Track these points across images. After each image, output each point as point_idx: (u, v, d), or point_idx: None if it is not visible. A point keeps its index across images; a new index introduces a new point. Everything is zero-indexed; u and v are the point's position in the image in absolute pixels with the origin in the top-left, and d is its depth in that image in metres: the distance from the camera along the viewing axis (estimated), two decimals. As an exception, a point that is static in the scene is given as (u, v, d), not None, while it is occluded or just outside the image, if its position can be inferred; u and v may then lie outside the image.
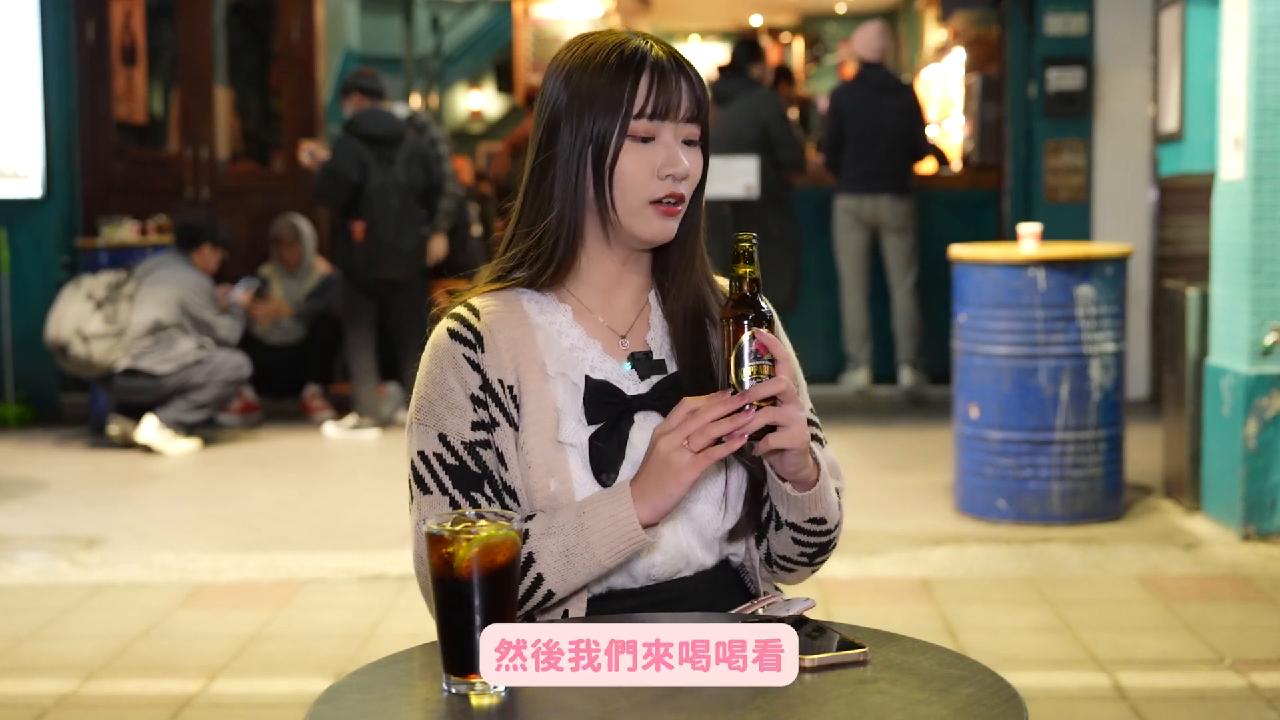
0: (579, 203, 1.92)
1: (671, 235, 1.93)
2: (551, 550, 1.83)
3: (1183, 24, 7.28)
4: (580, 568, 1.84)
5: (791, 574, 2.02)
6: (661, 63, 1.90)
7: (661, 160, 1.89)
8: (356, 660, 4.20)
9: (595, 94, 1.89)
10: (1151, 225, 8.35)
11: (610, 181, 1.90)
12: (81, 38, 8.78)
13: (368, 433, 7.65)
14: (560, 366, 1.92)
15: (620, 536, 1.82)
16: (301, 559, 5.30)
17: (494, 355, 1.91)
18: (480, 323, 1.92)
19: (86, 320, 7.28)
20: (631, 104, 1.88)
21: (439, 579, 1.61)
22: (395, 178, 7.52)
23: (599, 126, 1.89)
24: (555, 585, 1.85)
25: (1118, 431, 5.63)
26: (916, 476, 6.47)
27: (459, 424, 1.89)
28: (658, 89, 1.88)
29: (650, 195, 1.90)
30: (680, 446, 1.76)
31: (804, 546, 1.95)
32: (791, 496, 1.87)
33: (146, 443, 7.26)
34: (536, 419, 1.90)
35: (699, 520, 1.93)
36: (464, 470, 1.89)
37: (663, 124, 1.89)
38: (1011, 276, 5.51)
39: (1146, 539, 5.39)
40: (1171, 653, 4.22)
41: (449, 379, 1.90)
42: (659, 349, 1.98)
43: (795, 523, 1.91)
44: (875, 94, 8.29)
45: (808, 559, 1.98)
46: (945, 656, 1.71)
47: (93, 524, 5.85)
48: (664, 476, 1.78)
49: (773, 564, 2.00)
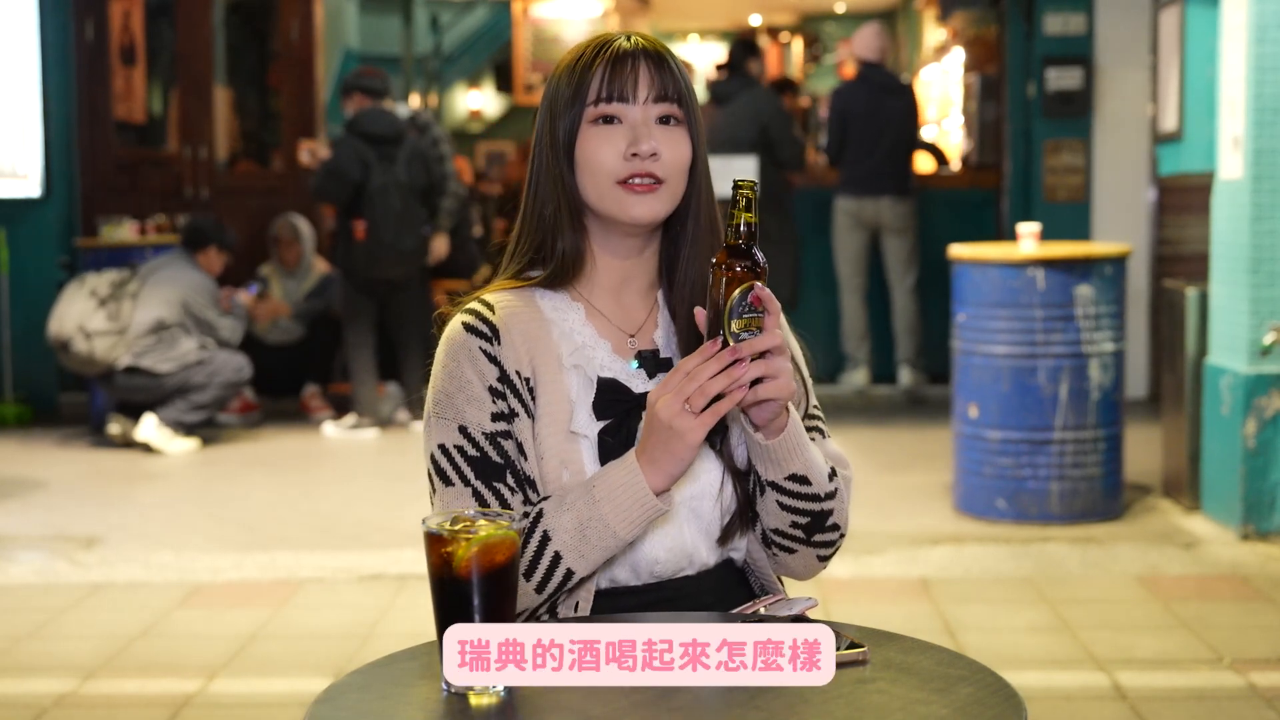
0: (572, 205, 1.95)
1: (655, 216, 1.93)
2: (566, 526, 1.83)
3: (1182, 23, 7.28)
4: (596, 541, 1.83)
5: (792, 555, 1.97)
6: (622, 49, 1.93)
7: (626, 141, 1.91)
8: (355, 660, 4.20)
9: (560, 95, 1.94)
10: (1151, 225, 8.35)
11: (573, 168, 1.93)
12: (80, 37, 8.78)
13: (367, 432, 7.65)
14: (575, 359, 1.94)
15: (633, 504, 1.81)
16: (300, 558, 5.30)
17: (510, 348, 1.92)
18: (495, 316, 1.93)
19: (89, 317, 7.28)
20: (587, 90, 1.92)
21: (438, 578, 1.61)
22: (396, 177, 7.52)
23: (564, 125, 1.93)
24: (573, 563, 1.84)
25: (1117, 431, 5.63)
26: (916, 476, 6.47)
27: (479, 415, 1.90)
28: (612, 72, 1.92)
29: (617, 175, 1.91)
30: (681, 410, 1.76)
31: (792, 514, 1.91)
32: (764, 446, 1.85)
33: (146, 442, 7.26)
34: (550, 410, 1.91)
35: (704, 518, 1.94)
36: (486, 461, 1.89)
37: (624, 105, 1.92)
38: (1010, 276, 5.51)
39: (1145, 539, 5.39)
40: (1170, 652, 4.22)
41: (466, 372, 1.91)
42: (665, 347, 1.99)
43: (775, 481, 1.88)
44: (877, 95, 8.28)
45: (802, 532, 1.93)
46: (944, 656, 1.71)
47: (91, 523, 5.85)
48: (671, 442, 1.78)
49: (770, 543, 1.97)
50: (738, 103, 8.07)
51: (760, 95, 8.17)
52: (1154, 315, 8.06)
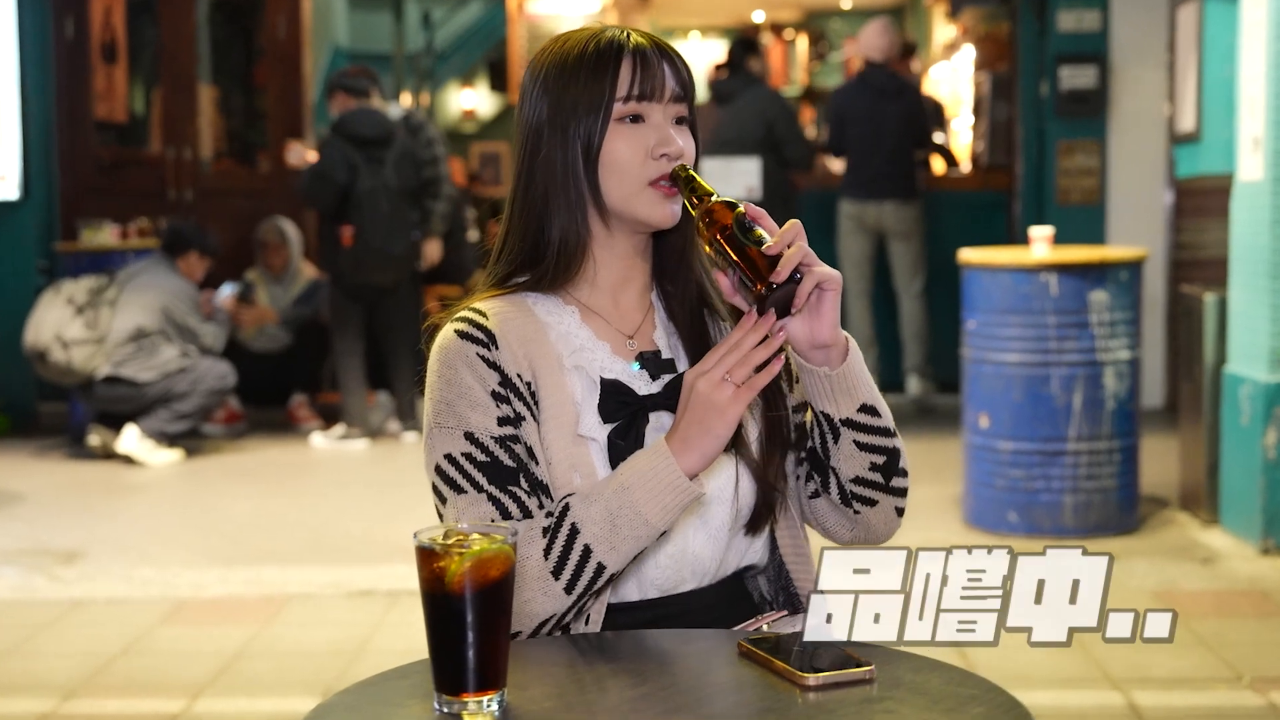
0: (579, 205, 1.95)
1: (676, 218, 1.95)
2: (595, 518, 1.82)
3: (1200, 20, 7.29)
4: (628, 532, 1.82)
5: (874, 509, 1.99)
6: (642, 47, 1.94)
7: (654, 140, 1.93)
8: (344, 678, 4.20)
9: (576, 92, 1.93)
10: (1167, 228, 8.36)
11: (598, 170, 1.93)
12: (60, 34, 8.78)
13: (356, 443, 7.65)
14: (576, 360, 1.94)
15: (665, 489, 1.81)
16: (287, 573, 5.30)
17: (508, 352, 1.92)
18: (489, 322, 1.94)
19: (66, 326, 7.28)
20: (614, 89, 1.92)
21: (430, 594, 1.61)
22: (385, 180, 7.50)
23: (585, 124, 1.93)
24: (605, 556, 1.82)
25: (1132, 442, 5.63)
26: (924, 488, 6.47)
27: (484, 420, 1.89)
28: (641, 71, 1.93)
29: (647, 176, 1.93)
30: (721, 381, 1.78)
31: (870, 454, 1.94)
32: (832, 376, 1.88)
33: (127, 453, 7.26)
34: (555, 413, 1.91)
35: (712, 523, 1.95)
36: (497, 466, 1.88)
37: (650, 104, 1.94)
38: (1022, 281, 5.52)
39: (1162, 553, 5.39)
40: (1187, 671, 4.22)
41: (466, 378, 1.90)
42: (666, 348, 2.01)
43: (849, 417, 1.91)
44: (876, 97, 8.25)
45: (881, 475, 1.96)
46: (954, 674, 1.71)
47: (71, 537, 5.85)
48: (707, 417, 1.79)
49: (851, 500, 1.98)
50: (741, 102, 8.08)
51: (765, 94, 8.17)
52: (1171, 322, 8.06)
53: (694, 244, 2.01)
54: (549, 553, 1.82)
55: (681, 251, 2.01)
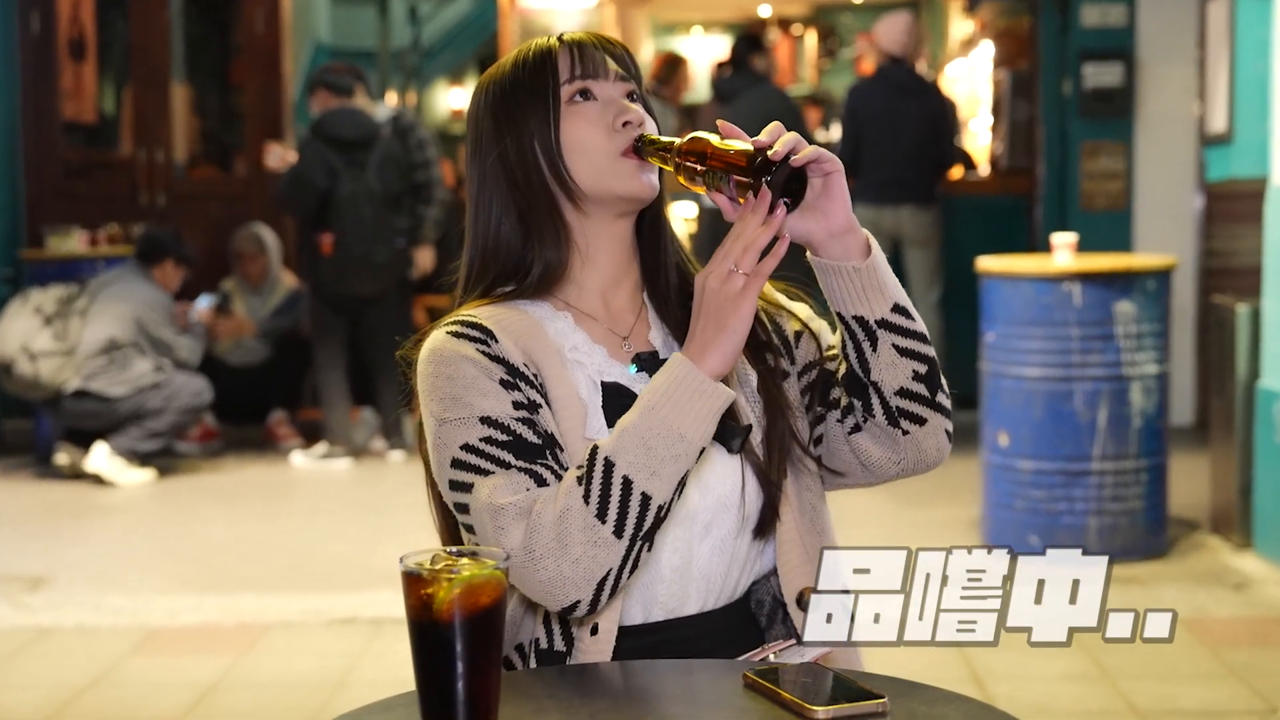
0: (551, 199, 2.00)
1: (655, 188, 2.00)
2: (627, 447, 1.81)
3: (1231, 14, 7.30)
4: (664, 451, 1.81)
5: (923, 428, 1.99)
6: (576, 38, 2.03)
7: (612, 113, 1.99)
8: (327, 711, 4.20)
9: (521, 95, 2.01)
10: (1197, 235, 8.37)
11: (563, 158, 1.98)
12: (25, 30, 8.80)
13: (339, 462, 7.65)
14: (576, 355, 1.98)
15: (693, 396, 1.82)
16: (266, 601, 5.30)
17: (508, 344, 1.94)
18: (483, 320, 1.96)
19: (34, 337, 7.29)
20: (557, 75, 1.99)
21: (416, 622, 1.61)
22: (367, 185, 7.48)
23: (538, 117, 1.99)
24: (647, 485, 1.80)
25: (1160, 461, 5.64)
26: (941, 510, 6.47)
27: (498, 404, 1.88)
28: (579, 54, 2.00)
29: (616, 148, 1.98)
30: (730, 273, 1.81)
31: (912, 360, 1.95)
32: (860, 270, 1.91)
33: (97, 473, 7.27)
34: (564, 408, 1.94)
35: (717, 532, 1.96)
36: (522, 442, 1.87)
37: (596, 81, 2.00)
38: (1044, 291, 5.52)
39: (1191, 578, 5.39)
40: (1218, 702, 4.22)
41: (468, 371, 1.90)
42: (662, 347, 2.04)
43: (884, 318, 1.93)
44: (895, 95, 8.24)
45: (925, 387, 1.97)
46: (971, 707, 1.71)
47: (37, 562, 5.85)
48: (723, 313, 1.82)
49: (898, 419, 1.98)
50: (745, 100, 8.08)
51: (769, 92, 8.18)
52: (1201, 334, 8.07)
53: (667, 229, 2.07)
54: (589, 497, 1.80)
55: (655, 238, 2.07)
